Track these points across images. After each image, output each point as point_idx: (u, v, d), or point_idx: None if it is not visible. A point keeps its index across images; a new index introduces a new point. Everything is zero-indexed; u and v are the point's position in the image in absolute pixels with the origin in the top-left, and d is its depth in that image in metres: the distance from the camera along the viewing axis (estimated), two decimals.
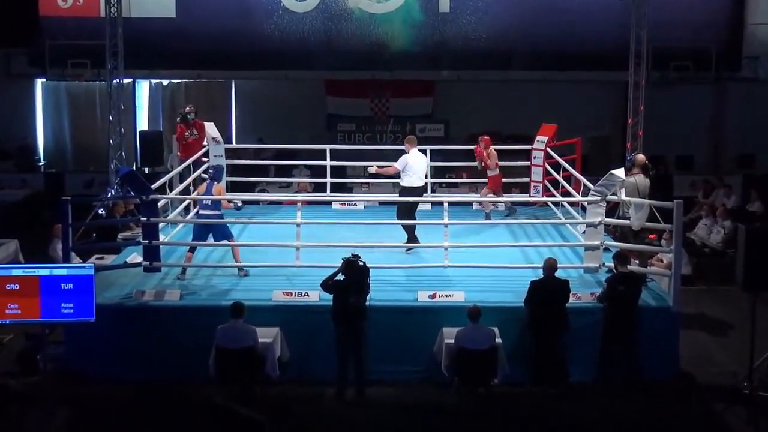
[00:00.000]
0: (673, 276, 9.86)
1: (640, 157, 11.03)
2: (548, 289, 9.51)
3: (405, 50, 18.96)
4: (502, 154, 14.51)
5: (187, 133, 13.35)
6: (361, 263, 9.25)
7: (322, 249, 11.21)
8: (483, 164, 13.06)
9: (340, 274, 9.32)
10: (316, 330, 9.66)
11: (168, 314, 9.84)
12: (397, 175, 11.91)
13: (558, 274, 9.69)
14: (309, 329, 9.74)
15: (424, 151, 12.39)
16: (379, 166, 12.19)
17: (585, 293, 9.93)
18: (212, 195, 10.75)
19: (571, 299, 9.66)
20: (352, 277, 9.22)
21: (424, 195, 12.61)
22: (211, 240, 10.89)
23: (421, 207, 13.71)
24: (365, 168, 17.45)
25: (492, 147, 13.18)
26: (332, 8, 18.83)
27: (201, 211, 10.90)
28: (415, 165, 11.69)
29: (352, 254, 9.37)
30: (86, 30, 18.05)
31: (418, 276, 10.60)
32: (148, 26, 18.54)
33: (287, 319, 9.78)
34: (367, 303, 9.25)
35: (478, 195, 13.98)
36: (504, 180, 14.67)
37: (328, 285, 9.33)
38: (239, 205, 11.23)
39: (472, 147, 16.44)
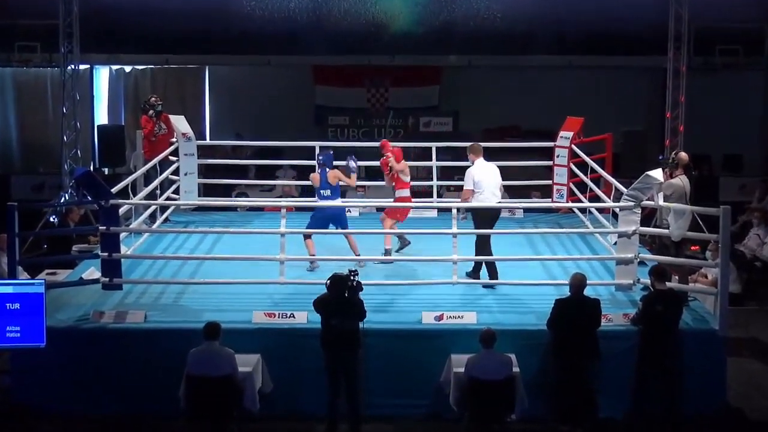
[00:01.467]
0: (720, 294, 9.87)
1: (684, 155, 11.01)
2: (576, 309, 9.51)
3: (407, 31, 19.01)
4: (521, 152, 14.54)
5: (156, 128, 13.38)
6: (351, 279, 9.24)
7: (309, 263, 11.24)
8: (391, 179, 12.02)
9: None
10: (304, 357, 9.66)
11: (131, 338, 9.83)
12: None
13: (586, 291, 9.70)
14: (295, 356, 9.74)
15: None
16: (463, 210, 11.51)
17: (617, 314, 9.94)
18: (329, 183, 11.41)
19: (602, 321, 9.66)
20: (335, 294, 9.23)
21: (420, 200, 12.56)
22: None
23: (425, 214, 13.81)
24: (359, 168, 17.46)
25: (404, 161, 12.08)
26: None
27: (321, 202, 11.47)
28: (484, 179, 11.13)
29: (349, 270, 9.37)
30: (36, 7, 18.08)
31: (422, 294, 10.62)
32: (109, 3, 18.56)
33: (270, 345, 9.78)
34: (361, 326, 9.25)
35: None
36: (523, 183, 14.70)
37: (315, 304, 9.36)
38: (353, 166, 11.80)
39: (486, 144, 16.47)
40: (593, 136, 14.22)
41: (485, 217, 11.09)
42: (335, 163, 11.81)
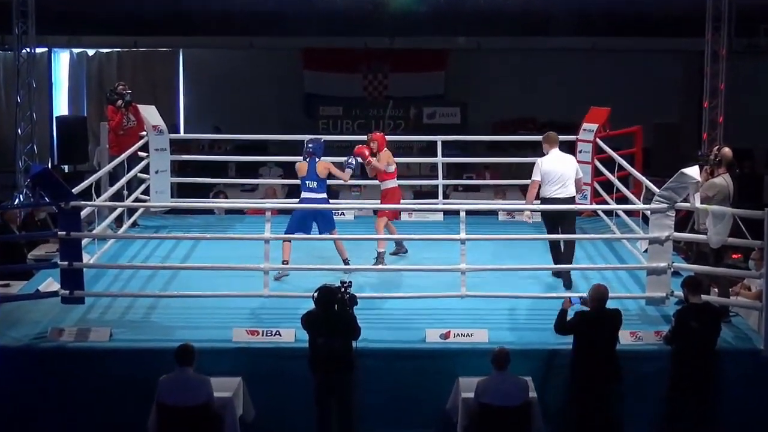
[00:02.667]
0: (765, 309, 9.87)
1: (728, 151, 10.98)
2: (597, 324, 9.47)
3: (408, 10, 19.03)
4: (538, 147, 14.55)
5: (123, 120, 13.38)
6: (342, 292, 9.19)
7: (299, 273, 11.23)
8: (372, 172, 12.20)
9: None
10: (291, 381, 9.65)
11: (95, 359, 9.81)
12: None
13: (612, 305, 9.67)
14: (281, 379, 9.73)
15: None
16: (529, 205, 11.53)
17: (647, 332, 9.94)
18: (317, 174, 11.52)
19: (630, 339, 9.67)
20: (323, 309, 9.19)
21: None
22: (315, 230, 11.43)
23: (430, 218, 13.81)
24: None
25: (387, 149, 12.14)
26: None
27: (304, 195, 11.61)
28: (552, 170, 11.41)
29: (341, 281, 9.37)
30: None
31: (425, 309, 10.61)
32: None
33: (252, 367, 9.77)
34: (354, 345, 9.22)
35: (505, 201, 14.03)
36: None
37: (302, 321, 9.34)
38: (352, 163, 11.92)
39: (498, 138, 16.51)
40: (621, 128, 14.23)
41: (545, 216, 11.45)
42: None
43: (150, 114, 13.74)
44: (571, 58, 19.88)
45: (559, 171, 11.41)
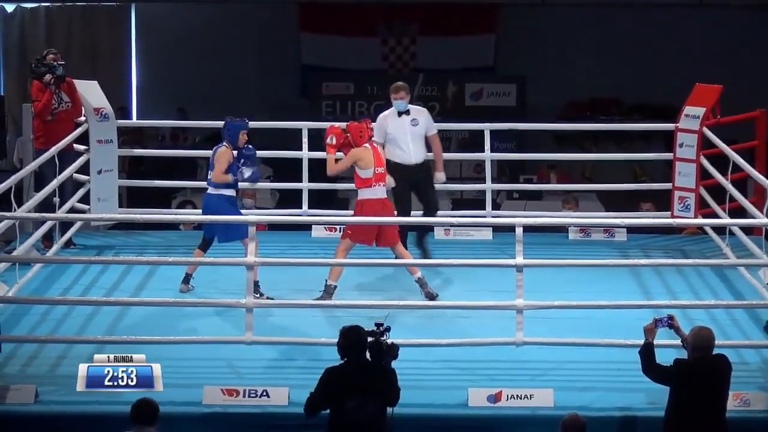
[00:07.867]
0: None
1: None
2: (701, 375, 9.43)
3: None
4: (623, 139, 14.58)
5: (54, 101, 13.45)
6: (376, 337, 9.01)
7: (295, 311, 11.28)
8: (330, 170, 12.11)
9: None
10: None
11: (15, 428, 9.87)
12: None
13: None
14: None
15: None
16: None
17: (761, 395, 9.90)
18: (213, 164, 11.70)
19: (734, 403, 9.58)
20: (355, 361, 9.06)
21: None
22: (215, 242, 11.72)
23: (475, 235, 13.82)
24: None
25: (372, 142, 12.11)
26: None
27: (209, 190, 11.88)
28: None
29: (376, 323, 9.15)
30: None
31: (468, 361, 10.67)
32: None
33: None
34: (389, 412, 9.12)
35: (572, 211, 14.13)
36: (626, 186, 14.70)
37: (325, 377, 9.06)
38: (246, 176, 11.91)
39: (568, 126, 16.52)
40: (737, 113, 14.21)
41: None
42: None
43: (91, 93, 13.80)
44: (671, 15, 19.88)
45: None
